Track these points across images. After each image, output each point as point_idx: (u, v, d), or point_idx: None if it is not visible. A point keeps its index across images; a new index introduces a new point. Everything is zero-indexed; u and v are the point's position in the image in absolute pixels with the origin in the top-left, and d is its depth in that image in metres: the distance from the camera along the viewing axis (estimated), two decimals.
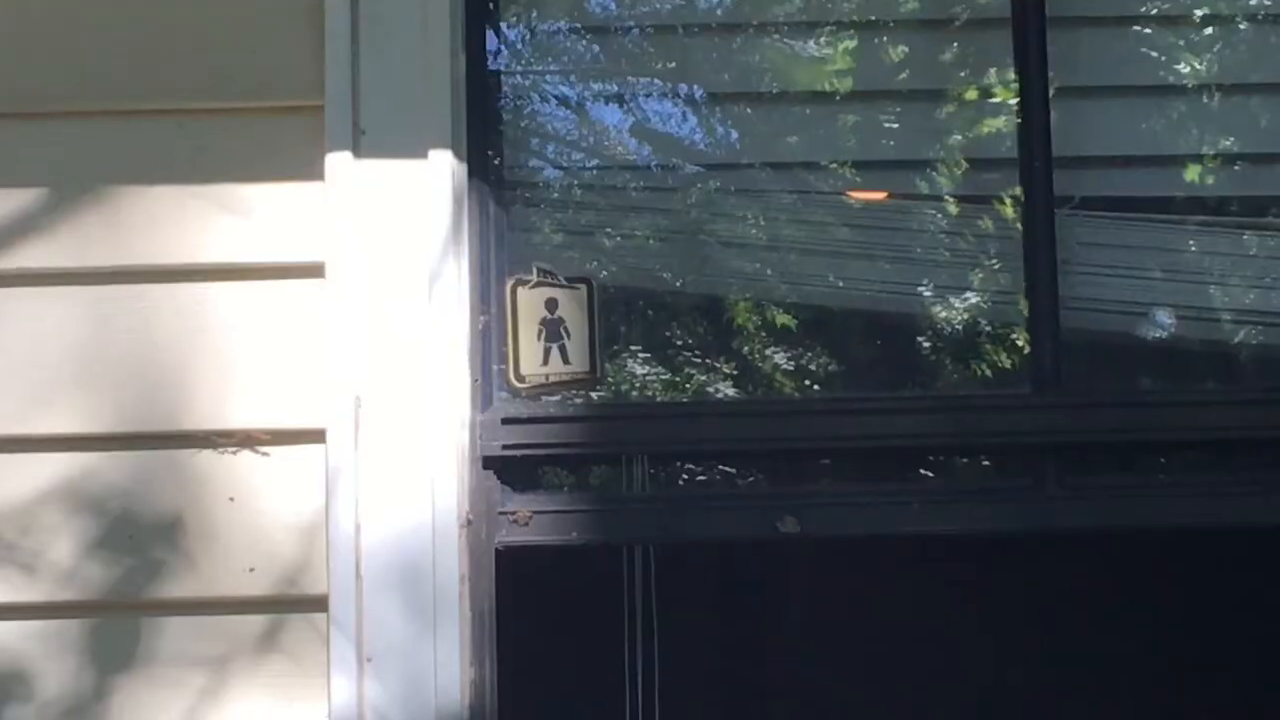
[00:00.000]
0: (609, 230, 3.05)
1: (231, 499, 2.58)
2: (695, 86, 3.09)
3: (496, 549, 2.64)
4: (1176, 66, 3.00)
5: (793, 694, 4.69)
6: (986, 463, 2.83)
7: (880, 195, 3.03)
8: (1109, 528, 2.87)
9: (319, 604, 2.56)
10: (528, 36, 3.07)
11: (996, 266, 2.96)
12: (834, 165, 3.00)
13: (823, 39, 3.08)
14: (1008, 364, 2.97)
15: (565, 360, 2.71)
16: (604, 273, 2.95)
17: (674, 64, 3.13)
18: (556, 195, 3.00)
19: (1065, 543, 3.30)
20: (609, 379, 2.94)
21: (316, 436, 2.59)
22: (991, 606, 4.54)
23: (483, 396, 2.69)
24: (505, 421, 2.67)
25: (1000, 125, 2.89)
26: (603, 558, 2.82)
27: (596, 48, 3.15)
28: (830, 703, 4.61)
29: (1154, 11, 3.06)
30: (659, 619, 2.89)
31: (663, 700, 2.90)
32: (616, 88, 3.13)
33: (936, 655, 4.61)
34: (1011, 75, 2.86)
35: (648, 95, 3.12)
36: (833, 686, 4.62)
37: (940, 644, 4.56)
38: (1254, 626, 4.33)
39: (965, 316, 3.06)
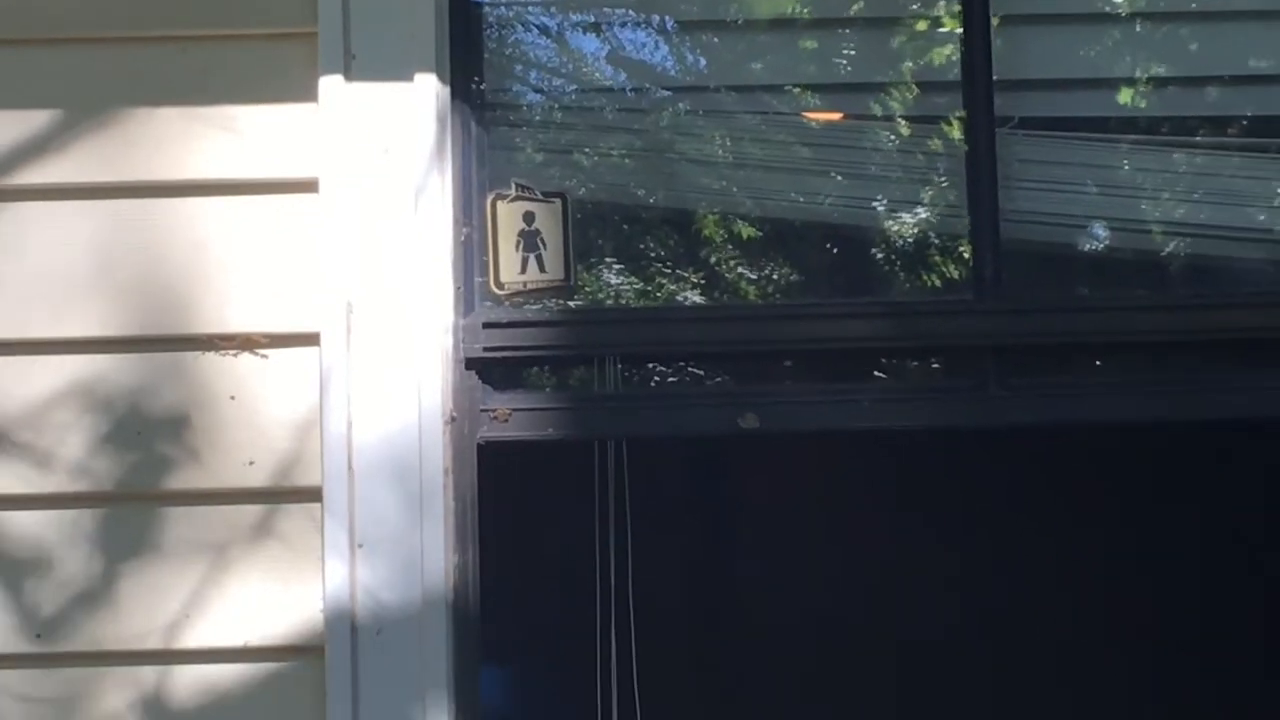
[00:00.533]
0: (584, 149, 3.03)
1: (232, 397, 2.59)
2: (665, 16, 3.08)
3: (478, 444, 2.65)
4: None
5: (755, 574, 4.68)
6: (934, 365, 2.84)
7: (836, 116, 3.02)
8: (1047, 424, 2.81)
9: (314, 495, 2.57)
10: None
11: (944, 183, 2.92)
12: (793, 89, 2.98)
13: None
14: (953, 273, 2.94)
15: (541, 269, 2.71)
16: (580, 189, 2.93)
17: None
18: (535, 117, 3.00)
19: (1007, 439, 3.19)
20: (583, 287, 2.93)
21: (311, 340, 2.59)
22: (939, 499, 4.53)
23: (465, 303, 2.69)
24: (486, 326, 2.68)
25: (948, 52, 2.84)
26: (578, 452, 2.85)
27: None
28: (791, 578, 4.61)
29: None
30: (631, 509, 2.90)
31: (635, 583, 2.91)
32: (592, 17, 3.10)
33: (889, 543, 4.61)
34: (957, 6, 2.84)
35: (622, 25, 3.10)
36: (793, 566, 4.60)
37: (892, 533, 4.57)
38: (1185, 517, 4.31)
39: (914, 229, 3.02)
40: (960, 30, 2.82)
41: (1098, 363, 2.81)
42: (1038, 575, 4.66)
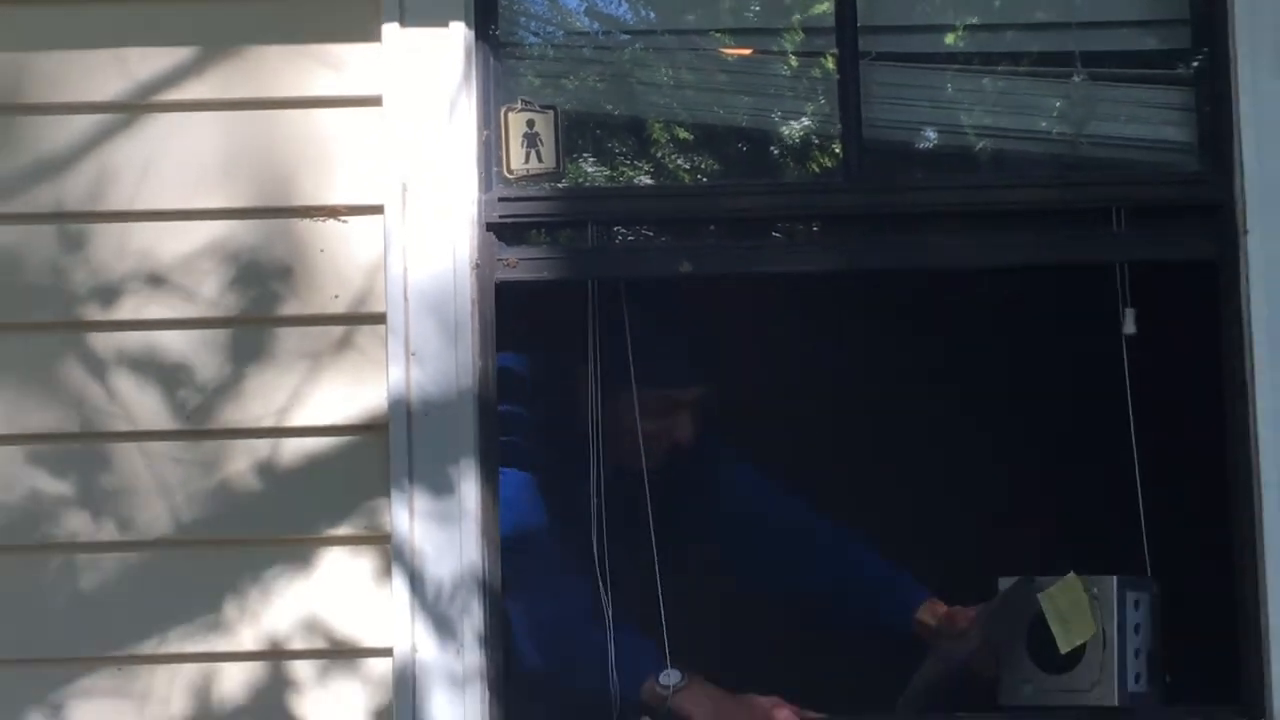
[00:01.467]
0: (569, 76, 3.16)
1: (322, 250, 2.81)
2: None
3: (495, 283, 2.85)
4: None
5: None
6: (814, 228, 3.04)
7: (747, 51, 3.16)
8: (893, 268, 3.03)
9: (380, 319, 2.79)
10: None
11: (822, 100, 3.08)
12: (715, 32, 3.13)
13: None
14: (829, 164, 3.07)
15: (539, 160, 2.87)
16: (566, 104, 3.05)
17: None
18: (534, 53, 3.14)
19: (876, 284, 3.39)
20: (569, 172, 3.06)
21: (377, 210, 2.80)
22: (828, 330, 4.35)
23: (485, 183, 2.87)
24: (500, 200, 2.86)
25: (825, 7, 2.98)
26: (567, 291, 3.01)
27: None
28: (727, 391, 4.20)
29: None
30: (606, 337, 3.14)
31: (604, 388, 3.15)
32: None
33: (799, 369, 4.48)
34: None
35: None
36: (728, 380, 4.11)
37: (791, 356, 4.41)
38: (1040, 355, 4.08)
39: (801, 133, 3.14)
40: None
41: (927, 226, 2.94)
42: (903, 380, 4.48)
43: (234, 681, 2.79)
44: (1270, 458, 2.79)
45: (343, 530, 2.81)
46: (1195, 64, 2.94)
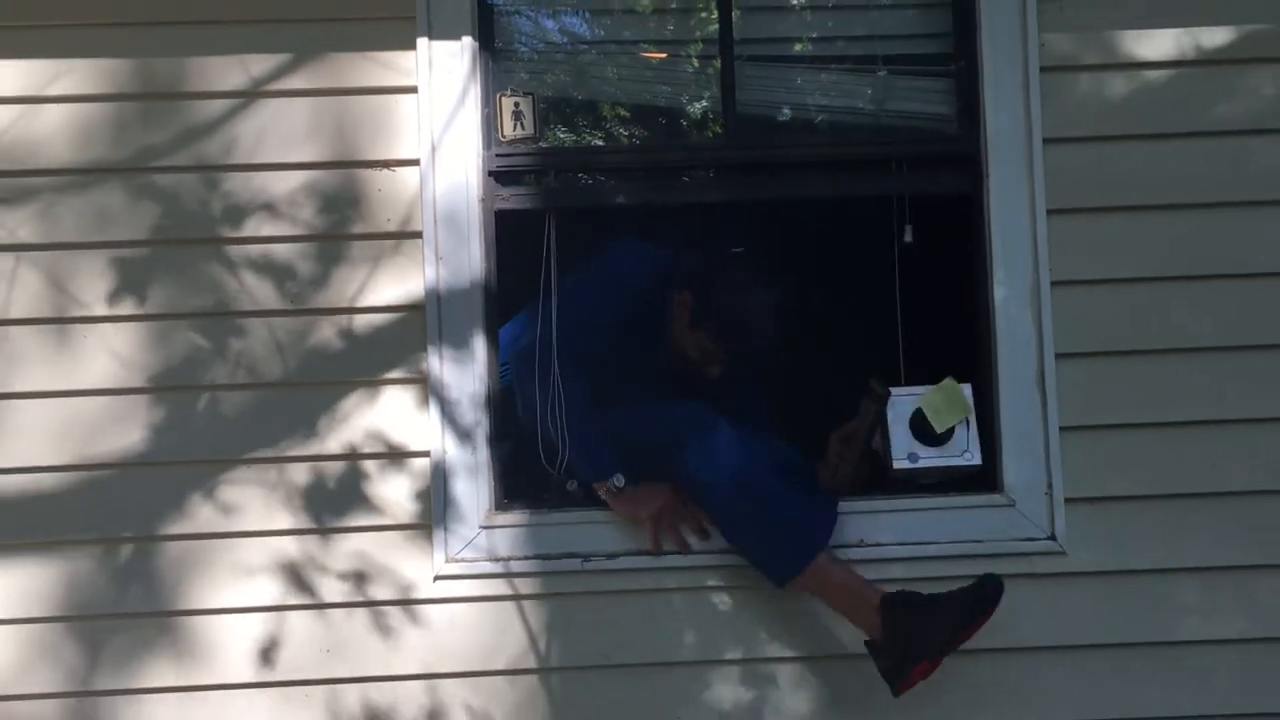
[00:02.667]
0: (545, 73, 3.19)
1: (379, 190, 2.95)
2: (584, 10, 3.22)
3: (495, 211, 2.98)
4: None
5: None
6: (710, 173, 3.11)
7: (663, 55, 3.21)
8: (764, 199, 3.15)
9: (418, 235, 2.95)
10: None
11: (712, 88, 3.14)
12: (643, 43, 3.21)
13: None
14: (717, 130, 3.18)
15: (523, 129, 2.99)
16: (543, 91, 3.13)
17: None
18: (520, 57, 3.18)
19: (751, 210, 3.38)
20: (544, 137, 3.09)
21: (415, 163, 2.95)
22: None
23: (486, 143, 2.99)
24: (497, 155, 2.99)
25: (714, 27, 3.08)
26: (540, 217, 3.03)
27: None
28: None
29: None
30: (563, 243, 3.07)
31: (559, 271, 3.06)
32: (548, 11, 3.21)
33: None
34: (713, 3, 3.10)
35: (562, 13, 3.25)
36: None
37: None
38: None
39: (699, 110, 3.28)
40: (717, 15, 3.05)
41: (781, 171, 3.08)
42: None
43: (327, 475, 2.94)
44: (1003, 322, 2.94)
45: (396, 374, 2.95)
46: (956, 62, 3.03)
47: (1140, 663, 2.93)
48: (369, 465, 2.95)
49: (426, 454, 2.94)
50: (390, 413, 2.96)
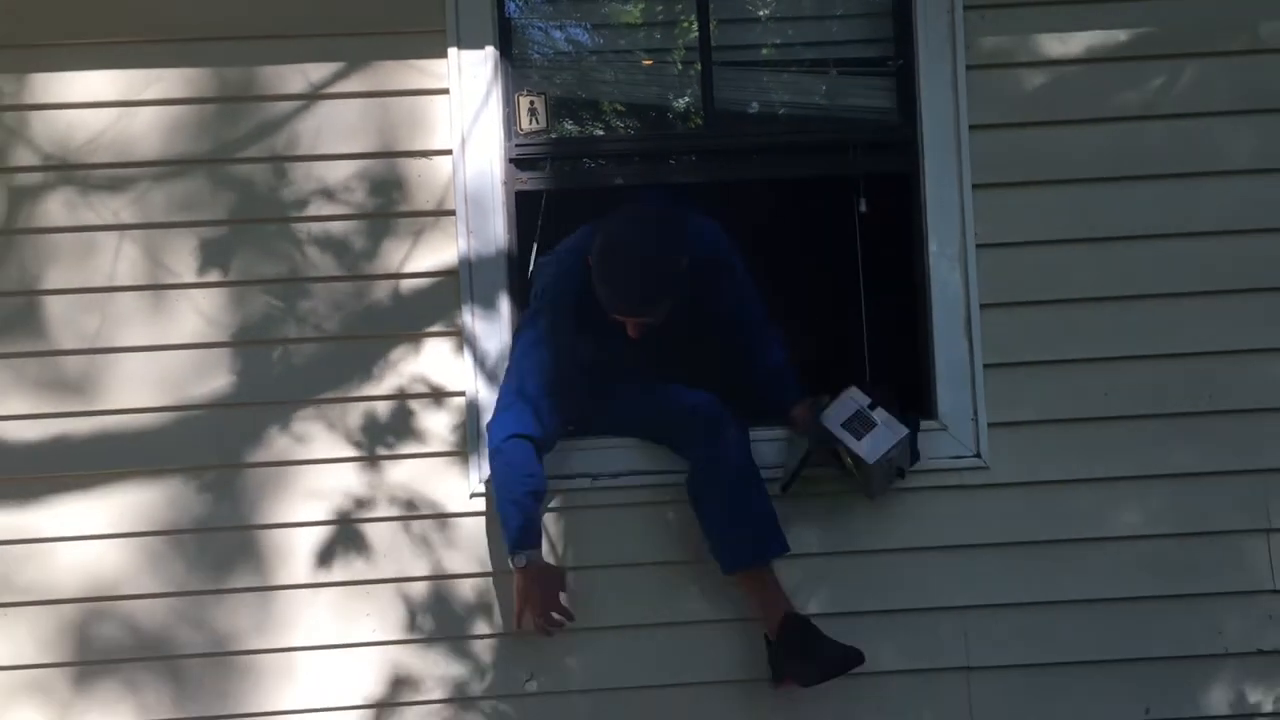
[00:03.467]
0: (555, 75, 3.14)
1: (418, 175, 2.96)
2: (587, 22, 3.20)
3: (515, 193, 3.00)
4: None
5: None
6: (692, 158, 3.10)
7: (651, 61, 3.17)
8: (732, 180, 3.09)
9: (452, 213, 2.96)
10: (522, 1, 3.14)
11: (694, 88, 3.12)
12: (637, 50, 3.18)
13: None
14: (698, 123, 3.14)
15: (538, 123, 3.00)
16: (554, 91, 3.09)
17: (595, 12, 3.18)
18: (535, 63, 3.14)
19: (729, 189, 3.17)
20: (555, 130, 3.09)
21: (448, 153, 2.95)
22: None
23: (507, 135, 3.00)
24: (517, 145, 3.01)
25: (693, 34, 3.08)
26: (558, 197, 3.04)
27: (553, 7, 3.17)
28: None
29: None
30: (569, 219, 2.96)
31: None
32: (558, 24, 3.19)
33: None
34: (694, 17, 3.07)
35: (569, 26, 3.22)
36: None
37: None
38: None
39: (683, 106, 3.22)
40: (697, 27, 3.06)
41: (752, 156, 3.07)
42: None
43: (379, 412, 2.95)
44: (936, 279, 2.97)
45: (435, 328, 2.97)
46: (896, 63, 3.04)
47: (1049, 556, 2.98)
48: (414, 404, 2.96)
49: (462, 394, 2.96)
50: (431, 360, 2.98)
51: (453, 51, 2.99)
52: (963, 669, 2.96)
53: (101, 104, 2.96)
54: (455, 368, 2.99)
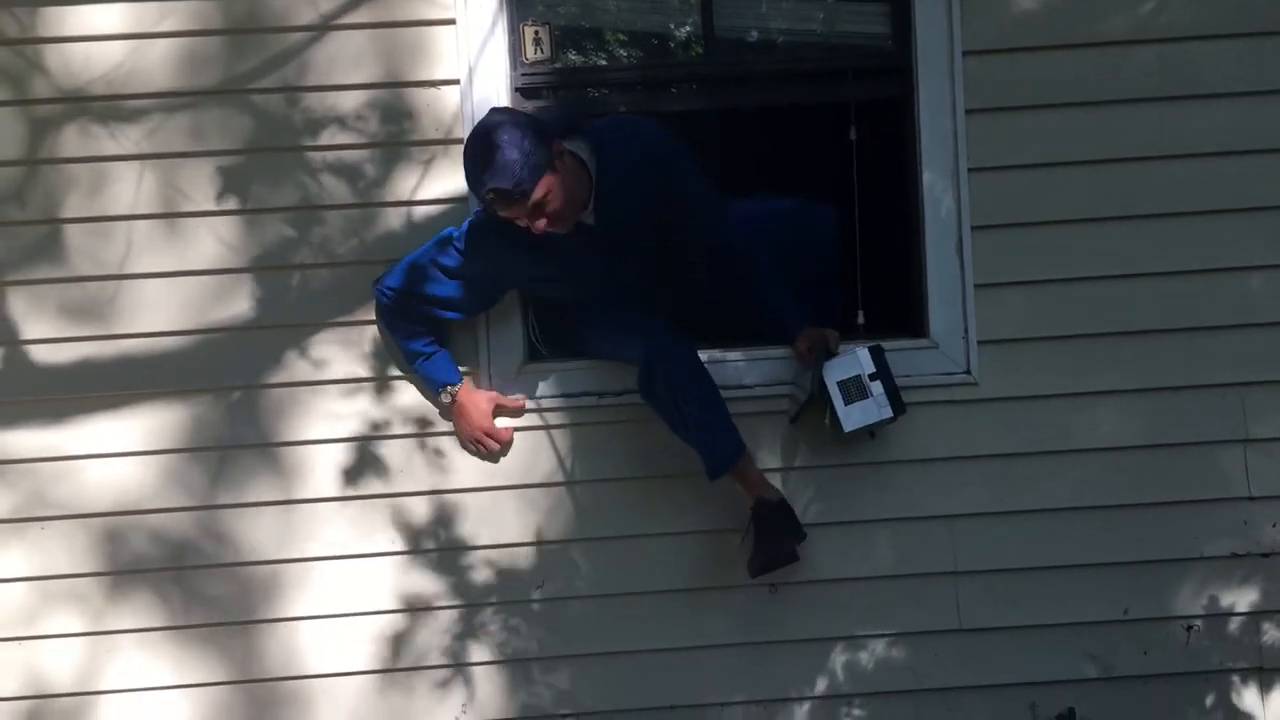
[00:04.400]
0: (560, 6, 3.12)
1: (428, 104, 2.97)
2: None
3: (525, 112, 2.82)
4: None
5: None
6: (693, 86, 3.15)
7: None
8: (736, 104, 3.15)
9: (460, 141, 2.92)
10: None
11: (694, 14, 3.12)
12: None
13: None
14: (700, 50, 3.11)
15: (542, 52, 3.03)
16: (557, 21, 3.09)
17: None
18: None
19: (729, 114, 3.27)
20: (559, 59, 3.07)
21: (456, 82, 2.97)
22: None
23: (512, 64, 3.03)
24: (522, 74, 3.03)
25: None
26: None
27: None
28: None
29: None
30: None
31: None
32: None
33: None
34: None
35: None
36: None
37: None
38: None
39: (684, 35, 3.23)
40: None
41: (752, 82, 3.10)
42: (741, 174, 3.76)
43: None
44: (929, 202, 3.01)
45: None
46: None
47: (1034, 467, 3.08)
48: None
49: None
50: None
51: None
52: (951, 573, 3.08)
53: (117, 36, 2.99)
54: None
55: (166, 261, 3.02)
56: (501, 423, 3.05)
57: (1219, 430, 3.08)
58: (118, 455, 3.07)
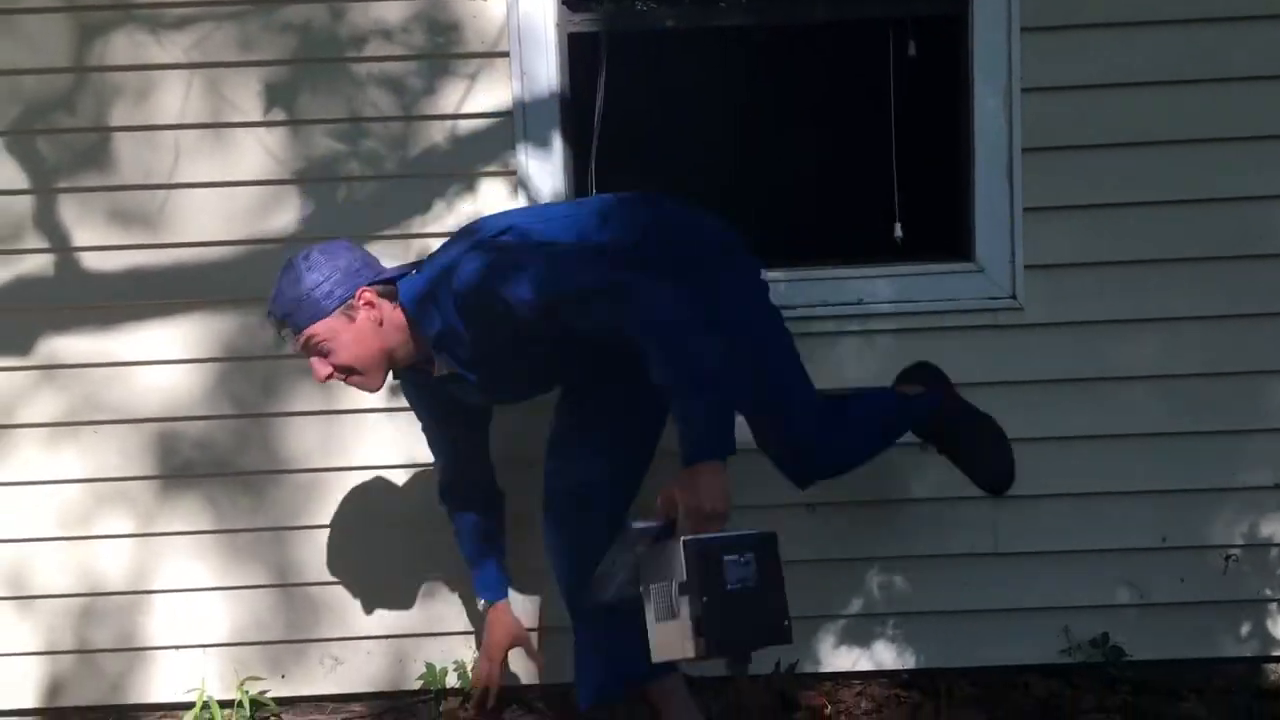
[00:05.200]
0: None
1: (474, 17, 2.99)
2: None
3: (568, 34, 3.05)
4: None
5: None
6: (744, 2, 3.10)
7: None
8: (761, 25, 3.16)
9: (506, 54, 3.02)
10: None
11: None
12: None
13: None
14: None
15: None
16: None
17: None
18: None
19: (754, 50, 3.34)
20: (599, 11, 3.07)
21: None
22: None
23: (562, 16, 3.02)
24: (570, 21, 3.05)
25: None
26: (598, 40, 3.03)
27: None
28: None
29: None
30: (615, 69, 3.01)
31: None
32: None
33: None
34: None
35: None
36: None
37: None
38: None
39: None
40: None
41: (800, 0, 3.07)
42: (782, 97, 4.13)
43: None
44: (980, 122, 2.98)
45: (490, 168, 3.05)
46: None
47: (1076, 393, 3.10)
48: None
49: None
50: (486, 199, 3.06)
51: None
52: (989, 498, 3.08)
53: None
54: (509, 207, 3.04)
55: (214, 171, 3.06)
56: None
57: (1264, 360, 3.08)
58: (166, 363, 3.13)
